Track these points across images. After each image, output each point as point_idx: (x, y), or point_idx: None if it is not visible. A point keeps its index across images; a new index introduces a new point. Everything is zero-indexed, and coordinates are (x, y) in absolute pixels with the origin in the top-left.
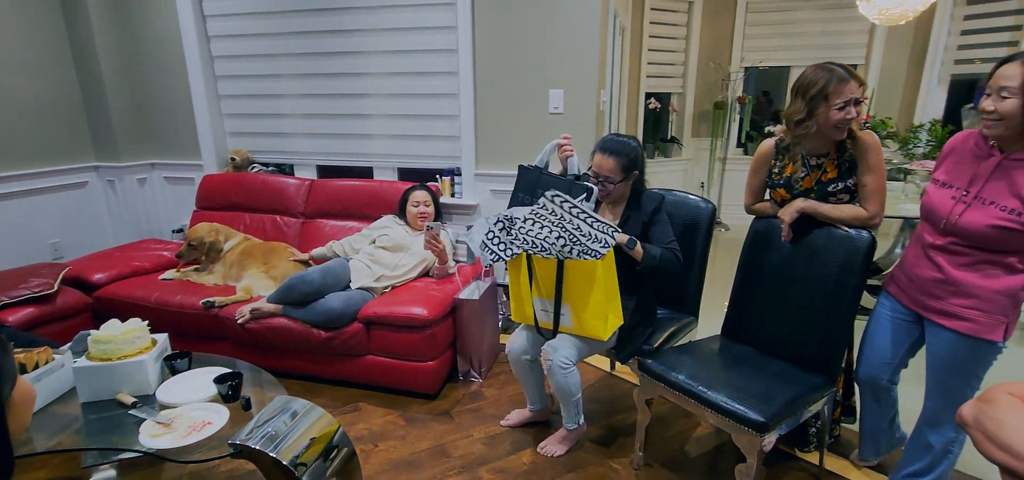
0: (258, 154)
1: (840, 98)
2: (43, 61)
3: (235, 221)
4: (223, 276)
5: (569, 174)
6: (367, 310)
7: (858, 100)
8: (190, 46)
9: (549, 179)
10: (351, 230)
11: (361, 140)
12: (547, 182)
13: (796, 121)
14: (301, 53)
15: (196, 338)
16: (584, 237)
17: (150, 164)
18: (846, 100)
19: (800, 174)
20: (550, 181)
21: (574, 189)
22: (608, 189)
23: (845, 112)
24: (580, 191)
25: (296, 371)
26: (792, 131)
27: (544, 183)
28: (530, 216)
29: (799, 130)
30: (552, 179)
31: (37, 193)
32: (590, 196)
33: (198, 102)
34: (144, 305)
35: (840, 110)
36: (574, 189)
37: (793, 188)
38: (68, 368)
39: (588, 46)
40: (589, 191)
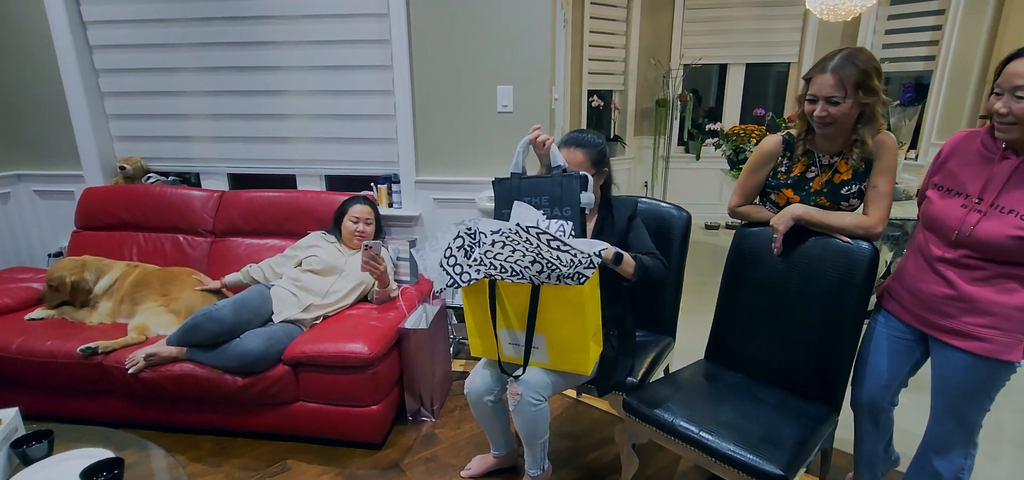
0: (155, 162)
1: (811, 88)
2: None
3: (126, 242)
4: (111, 312)
5: (555, 166)
6: (294, 349)
7: (832, 99)
8: (60, 32)
9: (532, 183)
10: (272, 250)
11: (280, 144)
12: (529, 187)
13: (798, 115)
14: (203, 42)
15: (74, 394)
16: (565, 267)
17: (16, 175)
18: (815, 94)
19: (810, 174)
20: (533, 185)
21: (565, 183)
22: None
23: (814, 106)
24: (574, 182)
25: (207, 426)
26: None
27: (526, 189)
28: (499, 237)
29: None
30: (535, 182)
31: None
32: (586, 185)
33: (74, 100)
34: (3, 355)
35: (811, 102)
36: (565, 183)
37: (804, 189)
38: None
39: (538, 38)
40: (583, 179)
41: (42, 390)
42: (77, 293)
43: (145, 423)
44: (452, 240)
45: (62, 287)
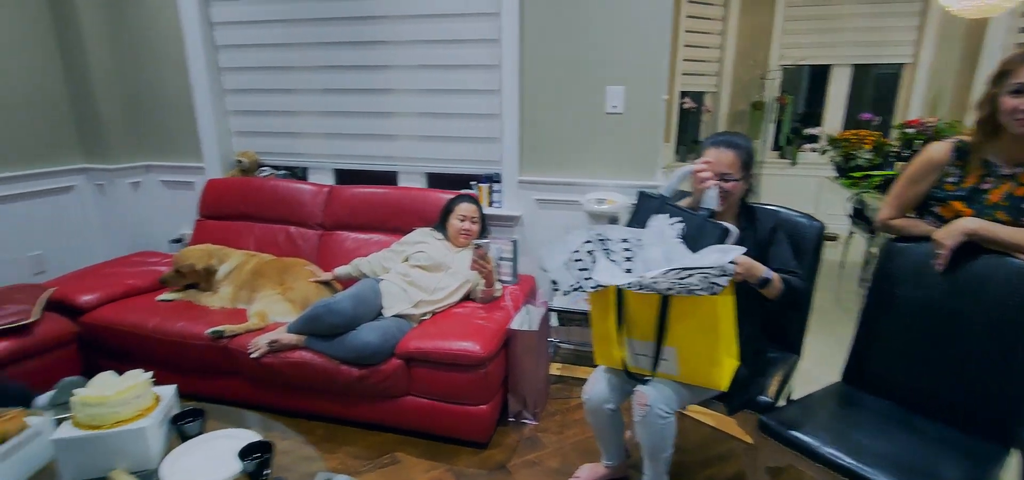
0: (268, 156)
1: (1017, 78)
2: (23, 48)
3: (244, 232)
4: (231, 298)
5: (703, 208)
6: (407, 344)
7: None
8: (191, 33)
9: (676, 212)
10: (376, 245)
11: (384, 141)
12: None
13: (978, 119)
14: (318, 42)
15: (202, 373)
16: (697, 285)
17: (145, 166)
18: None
19: (986, 185)
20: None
21: (707, 228)
22: (726, 190)
23: (1019, 100)
24: (715, 231)
25: (321, 413)
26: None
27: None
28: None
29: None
30: (681, 213)
31: (15, 199)
32: (727, 237)
33: (200, 98)
34: (139, 333)
35: (1013, 94)
36: (707, 228)
37: (979, 202)
38: (46, 438)
39: (655, 37)
40: (724, 233)
41: (173, 368)
42: (204, 279)
43: (263, 405)
44: (581, 244)
45: (190, 273)
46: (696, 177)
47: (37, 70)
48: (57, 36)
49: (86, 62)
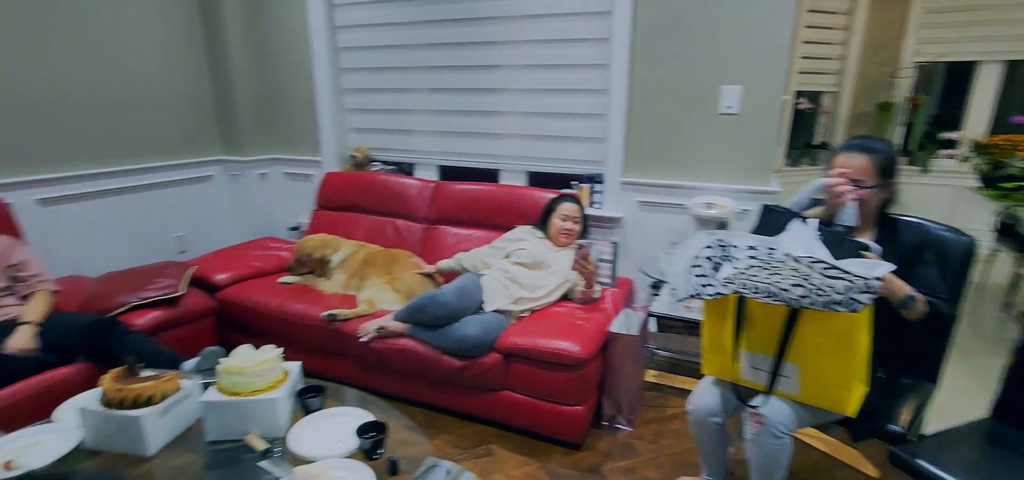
0: (379, 152)
1: None
2: (178, 53)
3: (354, 223)
4: (343, 285)
5: (839, 224)
6: (507, 339)
7: None
8: (318, 35)
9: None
10: (477, 241)
11: (488, 140)
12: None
13: None
14: (430, 44)
15: (316, 351)
16: (838, 293)
17: (272, 159)
18: None
19: None
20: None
21: (844, 245)
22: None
23: None
24: (853, 249)
25: (420, 399)
26: None
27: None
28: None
29: None
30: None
31: (166, 185)
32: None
33: (321, 95)
34: (264, 312)
35: None
36: (844, 245)
37: None
38: (195, 400)
39: (778, 33)
40: (865, 249)
41: (291, 345)
42: (319, 266)
43: (368, 387)
44: (701, 249)
45: (309, 260)
46: (830, 190)
47: (188, 72)
48: (206, 42)
49: (228, 65)
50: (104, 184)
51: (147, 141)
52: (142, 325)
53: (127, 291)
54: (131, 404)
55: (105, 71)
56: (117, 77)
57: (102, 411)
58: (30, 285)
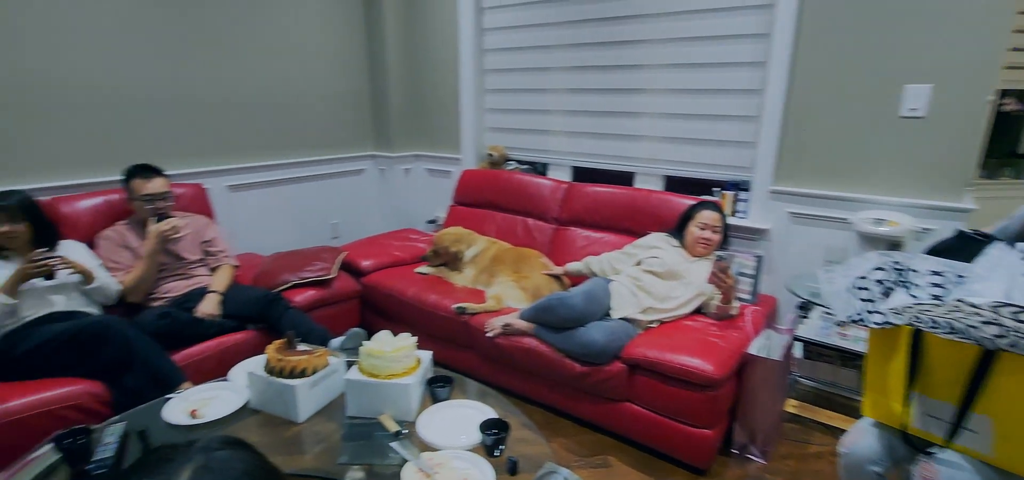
0: (515, 151)
1: None
2: (342, 54)
3: (487, 220)
4: (473, 279)
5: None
6: (633, 349)
7: None
8: (466, 37)
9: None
10: (607, 245)
11: (625, 142)
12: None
13: None
14: (571, 44)
15: (443, 341)
16: None
17: (416, 155)
18: None
19: None
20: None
21: None
22: None
23: None
24: None
25: (540, 399)
26: None
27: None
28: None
29: None
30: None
31: (325, 178)
32: None
33: (465, 95)
34: (401, 299)
35: None
36: None
37: None
38: (340, 377)
39: (983, 21)
40: None
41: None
42: (453, 260)
43: (490, 381)
44: (871, 269)
45: (444, 253)
46: None
47: (351, 73)
48: (367, 47)
49: (385, 68)
50: (278, 174)
51: (313, 137)
52: (299, 302)
53: (289, 270)
54: (288, 374)
55: (282, 76)
56: (292, 81)
57: (265, 377)
58: (218, 259)
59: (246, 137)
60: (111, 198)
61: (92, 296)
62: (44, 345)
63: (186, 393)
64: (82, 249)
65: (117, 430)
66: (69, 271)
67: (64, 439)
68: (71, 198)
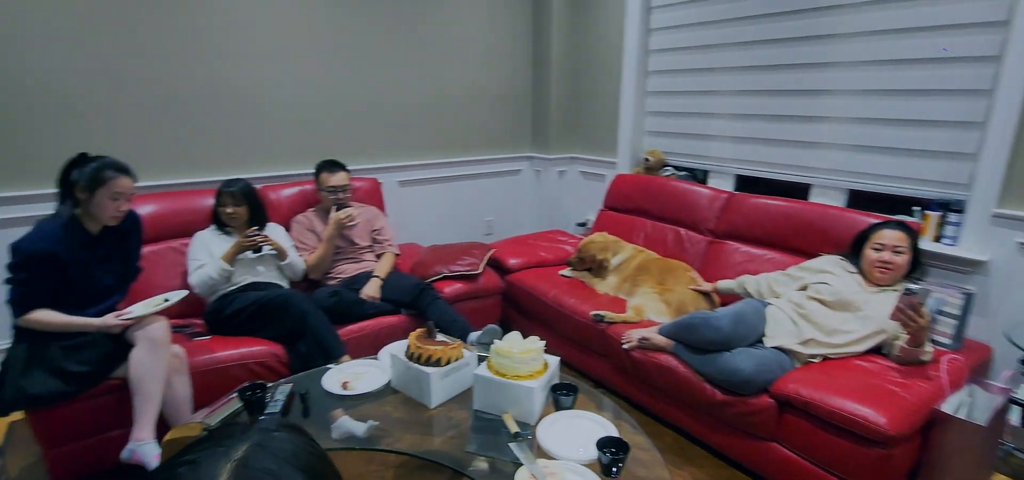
0: (673, 156)
1: None
2: (508, 58)
3: (636, 226)
4: (615, 287)
5: None
6: (786, 384)
7: None
8: (631, 38)
9: None
10: (768, 264)
11: (801, 149)
12: None
13: None
14: (745, 42)
15: (577, 346)
16: None
17: (571, 157)
18: None
19: None
20: None
21: None
22: None
23: None
24: None
25: (672, 421)
26: None
27: None
28: None
29: None
30: None
31: (484, 177)
32: None
33: (626, 97)
34: (542, 299)
35: None
36: None
37: None
38: (471, 370)
39: None
40: None
41: (558, 333)
42: (598, 267)
43: (621, 394)
44: None
45: (589, 259)
46: None
47: (515, 76)
48: (533, 47)
49: (549, 69)
50: (442, 172)
51: (476, 138)
52: (448, 293)
53: (441, 262)
54: (425, 360)
55: (453, 81)
56: (461, 85)
57: (405, 361)
58: (383, 247)
59: (418, 137)
60: (305, 188)
61: (284, 271)
62: (243, 309)
63: (343, 365)
64: (280, 231)
65: (285, 390)
66: (270, 248)
67: (246, 391)
68: (276, 187)
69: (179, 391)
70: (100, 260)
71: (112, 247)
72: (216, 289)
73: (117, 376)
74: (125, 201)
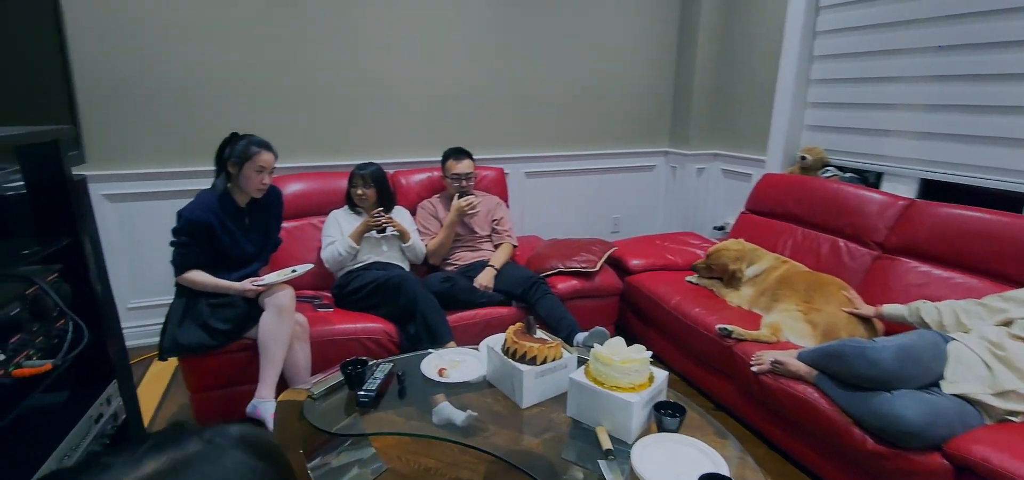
0: (837, 155)
1: None
2: (650, 46)
3: (782, 234)
4: (750, 300)
5: None
6: (968, 444)
7: None
8: (794, 19)
9: None
10: (956, 289)
11: (1015, 149)
12: None
13: None
14: (943, 15)
15: (700, 362)
16: None
17: (713, 154)
18: None
19: None
20: None
21: None
22: None
23: None
24: None
25: (806, 463)
26: None
27: None
28: None
29: None
30: None
31: (615, 171)
32: None
33: (782, 88)
34: (662, 305)
35: None
36: None
37: None
38: (568, 373)
39: None
40: None
41: (679, 345)
42: (730, 277)
43: (745, 421)
44: None
45: (719, 268)
46: None
47: (656, 67)
48: (678, 36)
49: (694, 58)
50: (570, 165)
51: (609, 130)
52: (561, 290)
53: (558, 257)
54: (519, 357)
55: (592, 70)
56: (599, 75)
57: (500, 355)
58: (501, 237)
59: (549, 128)
60: (434, 175)
61: (406, 253)
62: (363, 286)
63: (444, 351)
64: (406, 215)
65: (385, 369)
66: (393, 230)
67: (347, 365)
68: (407, 172)
69: (300, 357)
70: (245, 230)
71: (256, 218)
72: (343, 265)
73: (249, 336)
74: (268, 174)
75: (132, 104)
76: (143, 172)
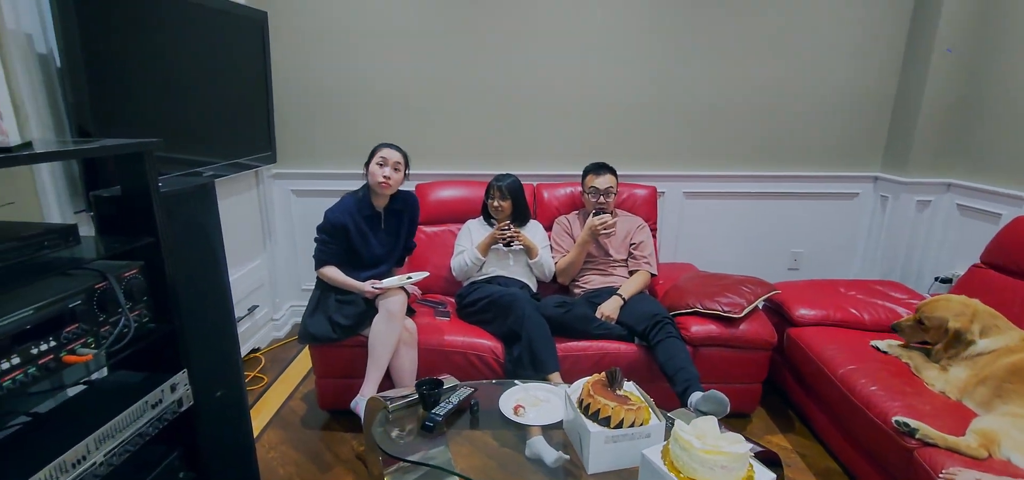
0: None
1: None
2: (870, 56)
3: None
4: (961, 388)
5: None
6: None
7: None
8: None
9: None
10: None
11: None
12: None
13: None
14: None
15: (867, 455)
16: None
17: (945, 184)
18: None
19: None
20: None
21: None
22: None
23: None
24: None
25: None
26: None
27: None
28: None
29: None
30: None
31: (800, 198)
32: None
33: None
34: (825, 371)
35: None
36: None
37: None
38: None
39: None
40: None
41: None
42: (951, 342)
43: None
44: None
45: (934, 325)
46: None
47: (875, 73)
48: (908, 39)
49: (928, 59)
50: (741, 187)
51: (801, 150)
52: (693, 333)
53: (698, 295)
54: (591, 414)
55: (783, 77)
56: (793, 82)
57: (574, 407)
58: (638, 263)
59: (719, 143)
60: (576, 190)
61: (533, 270)
62: (479, 300)
63: (530, 386)
64: (540, 230)
65: (462, 393)
66: (519, 244)
67: (423, 386)
68: (552, 185)
69: (405, 362)
70: (377, 232)
71: (388, 222)
72: (469, 275)
73: (364, 334)
74: (391, 168)
75: (316, 111)
76: (322, 172)
